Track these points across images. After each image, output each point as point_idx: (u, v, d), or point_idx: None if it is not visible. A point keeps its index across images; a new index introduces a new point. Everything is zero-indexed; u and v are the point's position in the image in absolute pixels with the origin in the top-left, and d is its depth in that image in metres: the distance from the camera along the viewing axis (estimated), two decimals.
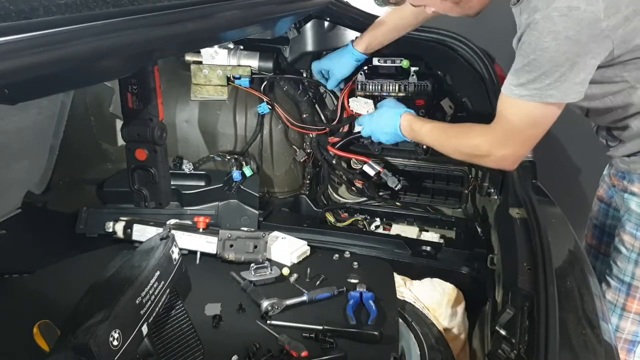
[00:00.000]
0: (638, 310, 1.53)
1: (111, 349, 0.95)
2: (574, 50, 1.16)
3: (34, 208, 1.81)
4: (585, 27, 1.13)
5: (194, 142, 2.02)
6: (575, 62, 1.18)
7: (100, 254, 1.69)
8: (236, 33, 1.47)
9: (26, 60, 0.62)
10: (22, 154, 1.67)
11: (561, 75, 1.19)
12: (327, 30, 1.89)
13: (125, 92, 1.19)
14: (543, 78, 1.20)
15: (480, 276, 1.63)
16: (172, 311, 1.21)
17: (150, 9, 0.85)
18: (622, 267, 1.54)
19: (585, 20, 1.12)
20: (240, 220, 1.93)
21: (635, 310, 1.53)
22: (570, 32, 1.13)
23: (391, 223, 2.06)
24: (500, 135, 1.35)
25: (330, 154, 2.01)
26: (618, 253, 1.55)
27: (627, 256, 1.52)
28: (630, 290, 1.53)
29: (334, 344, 1.32)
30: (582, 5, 1.11)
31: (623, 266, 1.54)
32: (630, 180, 1.50)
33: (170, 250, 1.21)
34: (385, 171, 1.91)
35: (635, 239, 1.50)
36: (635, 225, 1.50)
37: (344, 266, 1.68)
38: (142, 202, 1.28)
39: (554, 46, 1.15)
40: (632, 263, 1.51)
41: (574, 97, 1.23)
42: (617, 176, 1.58)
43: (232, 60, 1.90)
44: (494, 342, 1.11)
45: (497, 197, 1.77)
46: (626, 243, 1.52)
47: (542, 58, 1.18)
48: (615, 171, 1.59)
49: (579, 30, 1.13)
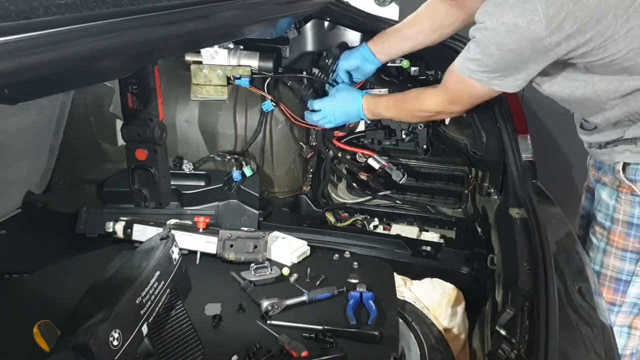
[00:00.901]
0: (607, 299, 1.55)
1: (111, 349, 0.95)
2: (515, 60, 1.28)
3: (34, 208, 1.81)
4: (527, 43, 1.23)
5: (194, 142, 2.02)
6: (517, 67, 1.31)
7: (100, 254, 1.69)
8: (236, 33, 1.47)
9: (26, 60, 0.62)
10: (22, 154, 1.67)
11: (504, 74, 1.33)
12: (327, 30, 1.89)
13: (125, 92, 1.19)
14: (489, 72, 1.34)
15: (480, 276, 1.63)
16: (172, 311, 1.21)
17: (150, 9, 0.85)
18: (592, 256, 1.58)
19: (527, 38, 1.22)
20: (240, 220, 1.93)
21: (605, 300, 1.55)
22: (513, 46, 1.24)
23: (391, 223, 2.06)
24: (447, 98, 1.54)
25: (336, 147, 2.02)
26: (590, 243, 1.61)
27: (597, 245, 1.57)
28: (599, 279, 1.55)
29: (334, 344, 1.32)
30: (524, 24, 1.20)
31: (593, 255, 1.58)
32: (604, 171, 1.56)
33: (170, 250, 1.21)
34: (390, 165, 1.92)
35: (604, 229, 1.54)
36: (604, 215, 1.54)
37: (344, 266, 1.68)
38: (142, 202, 1.28)
39: (498, 54, 1.28)
40: (600, 252, 1.56)
41: (515, 89, 1.38)
42: (595, 166, 1.65)
43: (232, 60, 1.90)
44: (494, 342, 1.11)
45: (497, 197, 1.77)
46: (597, 233, 1.57)
47: (487, 61, 1.32)
48: (593, 161, 1.66)
49: (522, 45, 1.24)
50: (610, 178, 1.52)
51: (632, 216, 1.47)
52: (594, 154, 1.61)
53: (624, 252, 1.50)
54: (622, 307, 1.55)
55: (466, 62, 1.39)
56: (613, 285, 1.54)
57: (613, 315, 1.56)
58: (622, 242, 1.50)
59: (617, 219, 1.50)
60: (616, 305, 1.56)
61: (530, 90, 1.52)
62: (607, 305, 1.54)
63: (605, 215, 1.53)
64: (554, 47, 1.24)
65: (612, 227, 1.51)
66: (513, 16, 1.21)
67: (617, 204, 1.50)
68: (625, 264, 1.51)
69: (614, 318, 1.56)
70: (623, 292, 1.54)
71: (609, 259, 1.53)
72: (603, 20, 1.20)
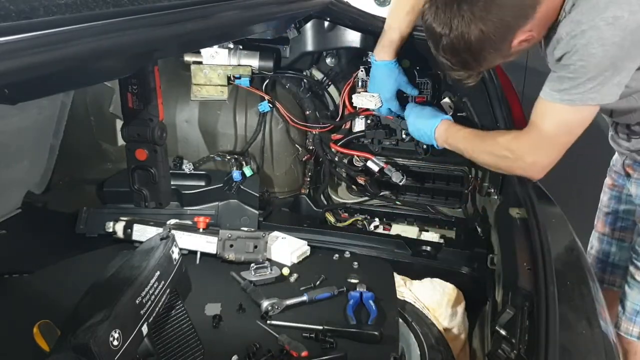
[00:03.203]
0: None
1: (111, 349, 0.95)
2: (618, 54, 1.24)
3: (34, 208, 1.81)
4: (629, 33, 1.21)
5: (194, 142, 2.02)
6: (617, 66, 1.26)
7: (100, 254, 1.69)
8: (236, 33, 1.47)
9: (26, 60, 0.62)
10: (22, 154, 1.67)
11: (604, 78, 1.27)
12: (327, 30, 1.89)
13: (126, 92, 1.19)
14: (587, 83, 1.27)
15: (480, 276, 1.63)
16: (172, 311, 1.21)
17: (150, 9, 0.85)
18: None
19: (629, 27, 1.21)
20: (240, 220, 1.93)
21: None
22: (617, 39, 1.22)
23: (391, 223, 2.06)
24: (533, 140, 1.39)
25: (333, 151, 2.01)
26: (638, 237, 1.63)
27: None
28: None
29: (334, 344, 1.32)
30: (625, 14, 1.20)
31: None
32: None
33: (170, 250, 1.21)
34: (389, 167, 1.91)
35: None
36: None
37: (344, 266, 1.68)
38: (142, 202, 1.28)
39: (602, 52, 1.23)
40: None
41: (610, 98, 1.30)
42: (633, 166, 1.66)
43: (232, 60, 1.90)
44: (494, 342, 1.11)
45: (497, 197, 1.77)
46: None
47: (589, 64, 1.25)
48: (630, 161, 1.67)
49: (624, 37, 1.22)
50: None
51: None
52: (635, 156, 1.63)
53: None
54: None
55: (552, 85, 1.33)
56: None
57: None
58: None
59: None
60: None
61: (530, 90, 1.52)
62: None
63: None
64: None
65: None
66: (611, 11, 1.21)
67: None
68: None
69: None
70: None
71: None
72: None
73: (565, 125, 1.36)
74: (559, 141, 1.38)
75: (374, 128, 1.94)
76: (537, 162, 1.41)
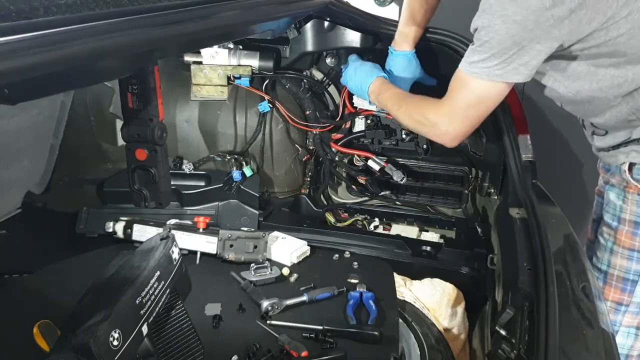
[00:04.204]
0: (614, 298, 1.55)
1: (111, 349, 0.95)
2: (521, 34, 1.24)
3: (34, 208, 1.81)
4: (531, 13, 1.20)
5: (194, 142, 2.02)
6: (522, 46, 1.26)
7: (100, 254, 1.69)
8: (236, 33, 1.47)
9: (26, 60, 0.62)
10: (22, 154, 1.66)
11: (508, 57, 1.27)
12: (327, 30, 1.89)
13: (126, 92, 1.19)
14: (492, 58, 1.29)
15: (480, 276, 1.63)
16: (172, 311, 1.21)
17: (150, 9, 0.85)
18: (600, 256, 1.58)
19: (532, 7, 1.19)
20: (240, 220, 1.93)
21: (611, 299, 1.56)
22: (518, 17, 1.21)
23: (391, 223, 2.06)
24: (447, 110, 1.44)
25: (333, 150, 2.01)
26: (598, 243, 1.60)
27: (604, 245, 1.56)
28: (606, 279, 1.55)
29: (334, 344, 1.32)
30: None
31: (601, 255, 1.58)
32: (612, 172, 1.56)
33: (170, 250, 1.21)
34: (390, 165, 1.91)
35: (611, 228, 1.54)
36: (612, 215, 1.54)
37: (344, 266, 1.68)
38: (142, 202, 1.28)
39: (504, 29, 1.24)
40: (607, 252, 1.55)
41: (518, 77, 1.31)
42: (604, 169, 1.64)
43: (232, 60, 1.90)
44: (494, 342, 1.11)
45: (497, 197, 1.76)
46: (604, 233, 1.57)
47: (492, 40, 1.27)
48: (602, 164, 1.66)
49: (526, 16, 1.21)
50: (618, 179, 1.52)
51: (638, 216, 1.48)
52: (602, 157, 1.61)
53: (630, 251, 1.50)
54: (630, 307, 1.55)
55: (466, 56, 1.37)
56: (620, 285, 1.54)
57: (620, 315, 1.56)
58: (629, 242, 1.50)
59: (624, 219, 1.50)
60: (623, 305, 1.55)
61: (531, 90, 1.52)
62: (614, 305, 1.55)
63: (613, 216, 1.54)
64: (558, 25, 1.22)
65: (619, 227, 1.51)
66: None
67: (624, 204, 1.50)
68: (633, 264, 1.51)
69: (621, 318, 1.56)
70: (630, 292, 1.53)
71: (616, 259, 1.53)
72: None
73: (476, 98, 1.38)
74: (470, 114, 1.41)
75: (374, 128, 1.94)
76: (449, 132, 1.45)
